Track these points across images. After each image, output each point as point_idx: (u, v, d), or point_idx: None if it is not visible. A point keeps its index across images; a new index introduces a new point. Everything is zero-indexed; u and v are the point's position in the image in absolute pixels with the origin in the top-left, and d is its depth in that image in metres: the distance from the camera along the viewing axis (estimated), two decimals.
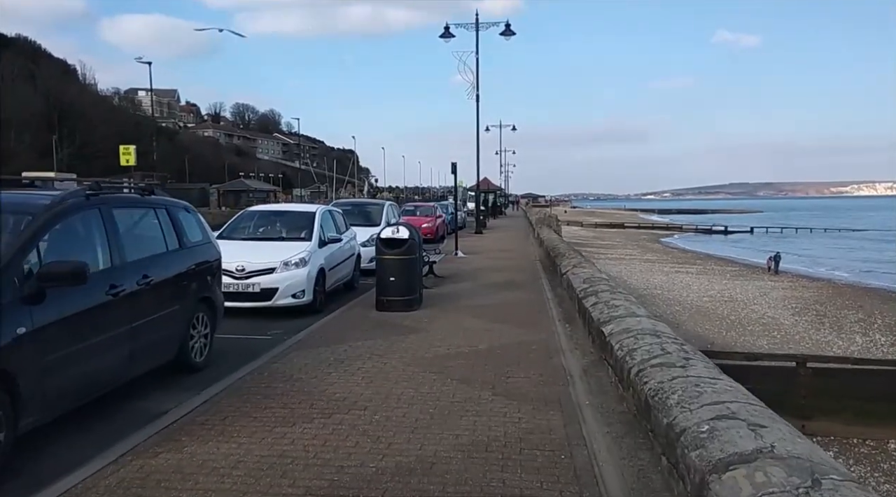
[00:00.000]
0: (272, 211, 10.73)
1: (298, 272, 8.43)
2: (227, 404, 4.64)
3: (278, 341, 6.84)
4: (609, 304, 6.33)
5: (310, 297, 8.54)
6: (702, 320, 18.75)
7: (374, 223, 13.08)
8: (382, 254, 8.55)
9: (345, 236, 10.53)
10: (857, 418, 10.08)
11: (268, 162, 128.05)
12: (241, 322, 7.90)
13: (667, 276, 28.55)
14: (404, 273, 8.46)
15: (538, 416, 4.41)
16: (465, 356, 6.06)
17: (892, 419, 10.21)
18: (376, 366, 5.69)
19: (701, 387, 3.53)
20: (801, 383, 10.40)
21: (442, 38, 23.43)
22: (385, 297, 8.45)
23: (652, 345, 4.59)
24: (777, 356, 11.39)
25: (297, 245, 8.92)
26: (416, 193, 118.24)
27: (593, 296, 7.10)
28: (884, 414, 10.27)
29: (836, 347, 15.68)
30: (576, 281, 8.52)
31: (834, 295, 24.26)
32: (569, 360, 5.93)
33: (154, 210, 5.46)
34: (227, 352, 6.39)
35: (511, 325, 7.56)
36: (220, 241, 9.02)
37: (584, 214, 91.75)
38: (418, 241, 8.88)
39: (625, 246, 45.97)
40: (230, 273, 8.18)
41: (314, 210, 10.00)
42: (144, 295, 4.88)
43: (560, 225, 30.06)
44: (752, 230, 66.48)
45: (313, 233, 9.25)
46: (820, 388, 10.25)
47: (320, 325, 7.64)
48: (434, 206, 26.78)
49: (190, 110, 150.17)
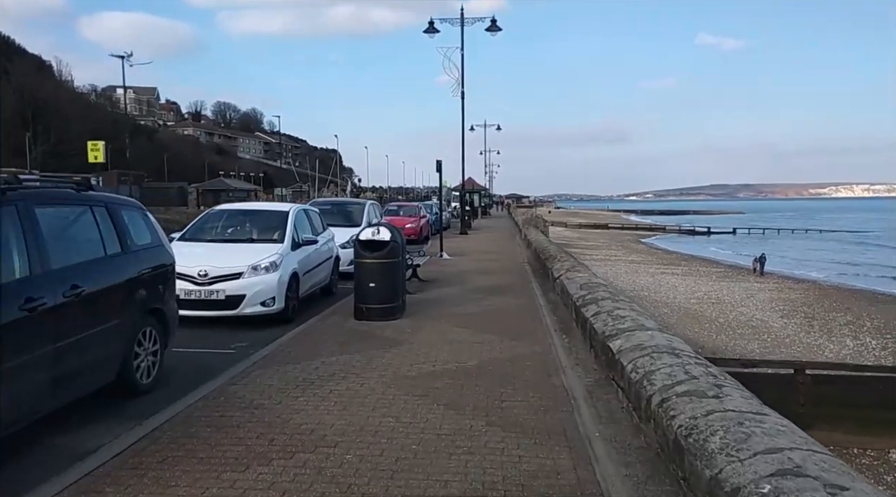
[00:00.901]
0: (241, 210, 9.70)
1: (268, 277, 7.63)
2: (169, 440, 3.87)
3: (242, 356, 6.06)
4: (613, 315, 5.67)
5: (281, 305, 7.76)
6: (690, 323, 18.35)
7: (355, 223, 12.31)
8: (361, 257, 7.81)
9: (321, 238, 9.73)
10: (858, 427, 9.85)
11: (249, 161, 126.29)
12: (202, 333, 7.11)
13: (653, 278, 28.22)
14: (385, 278, 7.73)
15: (541, 452, 3.71)
16: (452, 374, 5.34)
17: (893, 428, 10.00)
18: (351, 387, 4.95)
19: (747, 426, 2.86)
20: (800, 391, 10.30)
21: (426, 33, 22.72)
22: (364, 304, 7.72)
23: (673, 366, 3.93)
24: (774, 363, 11.00)
25: (268, 247, 8.12)
26: (400, 193, 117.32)
27: (593, 304, 6.43)
28: (885, 422, 10.15)
29: (827, 351, 15.42)
30: (571, 287, 7.85)
31: (821, 297, 24.14)
32: (570, 379, 5.24)
33: (91, 208, 4.65)
34: (182, 370, 5.61)
35: (502, 337, 6.86)
36: (183, 242, 8.25)
37: (568, 215, 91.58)
38: (401, 244, 8.14)
39: (609, 247, 45.68)
40: (192, 278, 7.40)
41: (287, 209, 9.15)
42: (73, 309, 4.09)
43: (547, 226, 29.51)
44: (734, 231, 66.76)
45: (286, 234, 8.44)
46: (819, 396, 10.21)
47: (291, 336, 6.86)
48: (418, 206, 26.00)
49: (170, 108, 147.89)
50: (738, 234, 65.30)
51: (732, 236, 63.21)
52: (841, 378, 10.44)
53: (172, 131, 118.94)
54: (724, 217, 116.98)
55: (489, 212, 61.20)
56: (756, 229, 69.58)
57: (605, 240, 53.35)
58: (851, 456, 9.83)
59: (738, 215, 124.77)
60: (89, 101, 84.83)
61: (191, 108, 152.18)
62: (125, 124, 74.27)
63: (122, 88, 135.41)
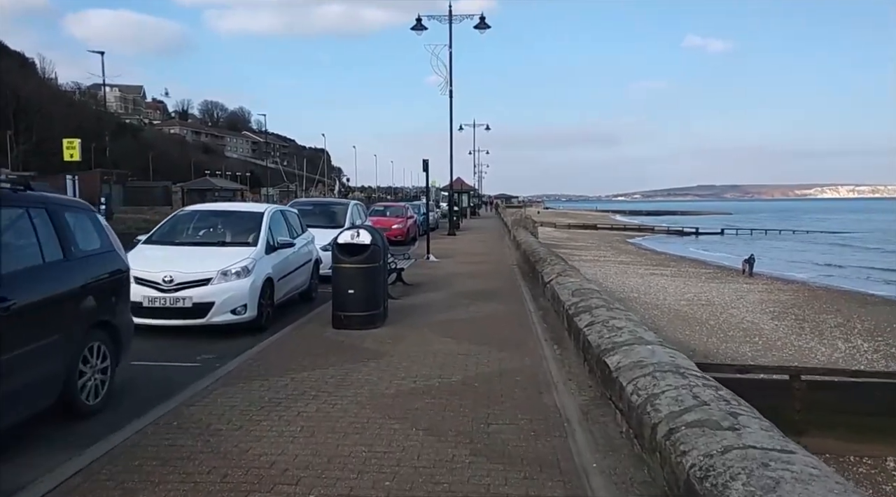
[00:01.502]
0: (213, 211, 9.11)
1: (239, 283, 7.11)
2: (107, 476, 3.37)
3: (207, 371, 5.56)
4: (609, 326, 5.24)
5: (253, 313, 7.24)
6: (681, 325, 18.07)
7: (338, 225, 11.77)
8: (340, 262, 7.28)
9: (300, 240, 9.23)
10: (854, 434, 9.61)
11: (236, 160, 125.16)
12: (166, 344, 6.61)
13: (642, 279, 27.99)
14: (365, 284, 7.22)
15: (533, 488, 3.26)
16: (435, 392, 4.88)
17: (890, 435, 9.83)
18: (322, 409, 4.47)
19: (773, 468, 2.44)
20: (795, 397, 10.10)
21: (414, 30, 22.30)
22: (343, 312, 7.20)
23: (679, 389, 3.50)
24: (769, 368, 10.70)
25: (240, 251, 7.59)
26: (389, 193, 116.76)
27: (586, 313, 6.00)
28: (881, 429, 9.93)
29: (819, 354, 15.20)
30: (563, 293, 7.42)
31: (810, 298, 24.02)
32: (563, 398, 4.79)
33: (27, 210, 4.13)
34: (138, 387, 5.11)
35: (490, 347, 6.39)
36: (148, 245, 7.72)
37: (557, 215, 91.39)
38: (382, 247, 7.66)
39: (598, 247, 45.46)
40: (156, 284, 6.88)
41: (262, 210, 8.60)
42: (1, 324, 3.59)
43: (537, 227, 29.16)
44: (722, 232, 66.81)
45: (260, 236, 7.92)
46: (814, 403, 9.90)
47: (262, 348, 6.36)
48: (405, 207, 25.48)
49: (157, 107, 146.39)
50: (725, 234, 65.36)
51: (720, 237, 63.25)
52: (837, 384, 10.21)
53: (159, 130, 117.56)
54: (712, 218, 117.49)
55: (478, 212, 60.86)
56: (743, 230, 69.72)
57: (593, 240, 53.12)
58: (848, 464, 9.59)
59: (725, 216, 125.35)
60: (73, 99, 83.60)
61: (178, 106, 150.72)
62: (109, 122, 73.03)
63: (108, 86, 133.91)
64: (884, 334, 17.17)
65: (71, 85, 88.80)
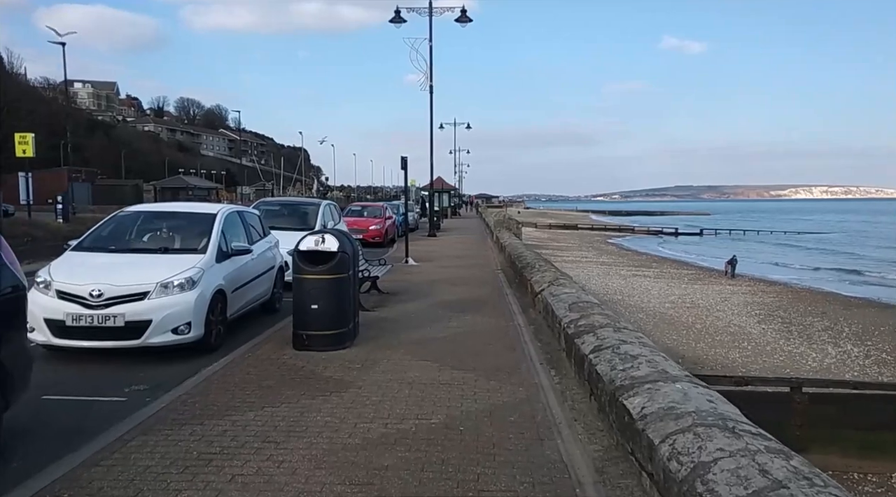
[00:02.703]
0: (157, 212, 8.07)
1: (182, 297, 6.04)
2: None
3: (134, 408, 4.53)
4: (620, 353, 4.33)
5: (199, 332, 6.16)
6: (667, 329, 17.47)
7: (308, 227, 10.71)
8: (302, 272, 6.22)
9: (260, 245, 8.20)
10: (858, 450, 9.07)
11: (213, 158, 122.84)
12: (95, 370, 5.57)
13: (625, 280, 27.44)
14: (331, 298, 6.20)
15: None
16: (410, 441, 3.91)
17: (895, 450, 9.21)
18: (264, 469, 3.48)
19: None
20: (797, 410, 9.60)
21: (392, 22, 21.31)
22: (304, 331, 6.17)
23: (737, 457, 2.60)
24: (769, 380, 10.02)
25: (186, 259, 6.51)
26: (369, 193, 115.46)
27: (590, 334, 5.08)
28: (887, 445, 9.46)
29: (810, 359, 14.74)
30: (558, 307, 6.50)
31: (794, 300, 23.74)
32: (570, 447, 3.85)
33: None
34: (39, 433, 4.07)
35: (477, 374, 5.43)
36: (77, 253, 6.60)
37: (538, 215, 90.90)
38: (352, 254, 6.62)
39: (580, 248, 44.97)
40: (82, 300, 5.80)
41: (215, 211, 7.53)
42: None
43: (520, 228, 28.34)
44: (701, 232, 66.92)
45: (210, 241, 6.85)
46: (817, 416, 9.13)
47: (205, 377, 5.30)
48: (383, 207, 24.39)
49: (131, 104, 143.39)
50: (705, 235, 65.54)
51: (700, 237, 63.39)
52: (839, 396, 9.64)
53: (133, 127, 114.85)
54: (691, 218, 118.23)
55: (459, 212, 60.07)
56: (722, 231, 70.03)
57: (575, 241, 52.64)
58: (852, 482, 9.01)
59: (704, 216, 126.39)
60: (42, 94, 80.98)
61: (153, 103, 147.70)
62: (79, 119, 70.68)
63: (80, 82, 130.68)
64: (872, 338, 16.86)
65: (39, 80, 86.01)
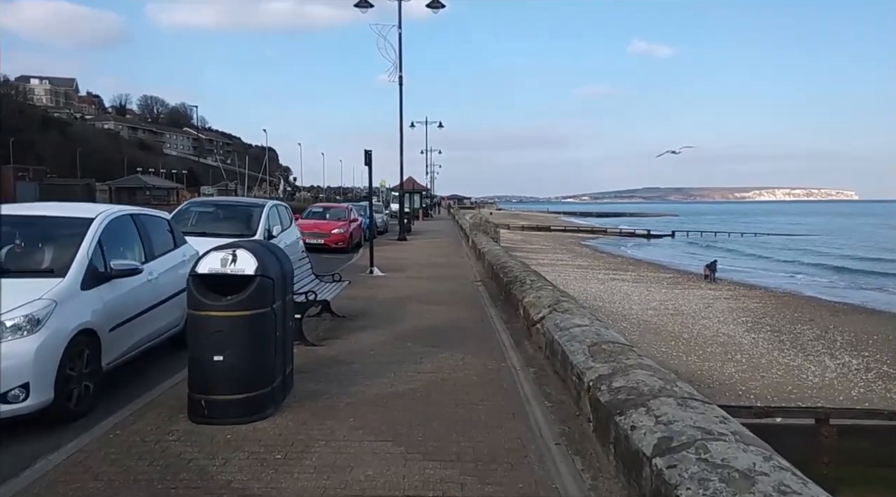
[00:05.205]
0: (13, 217, 5.39)
1: (16, 346, 4.15)
2: None
3: None
4: (716, 464, 2.57)
5: (46, 397, 4.25)
6: (654, 340, 16.43)
7: (249, 232, 9.06)
8: (200, 307, 4.31)
9: (165, 260, 6.18)
10: (892, 490, 8.29)
11: (175, 158, 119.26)
12: None
13: (603, 285, 26.51)
14: (245, 345, 4.32)
15: None
16: None
17: None
18: None
19: None
20: (824, 446, 8.55)
21: (358, 7, 19.86)
22: (204, 395, 4.28)
23: None
24: (793, 410, 8.94)
25: (31, 286, 4.53)
26: (339, 193, 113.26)
27: (640, 409, 3.36)
28: None
29: (810, 374, 13.87)
30: (574, 351, 4.77)
31: (779, 306, 23.17)
32: None
33: None
34: None
35: (463, 469, 3.58)
36: None
37: (510, 217, 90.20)
38: (278, 277, 4.63)
39: (554, 250, 44.13)
40: None
41: (93, 215, 5.40)
42: None
43: (499, 231, 26.96)
44: (673, 234, 67.06)
45: (76, 260, 4.90)
46: (846, 452, 8.31)
47: (42, 474, 3.49)
48: (348, 208, 22.59)
49: (91, 102, 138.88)
50: (676, 236, 65.73)
51: (672, 239, 63.50)
52: (871, 428, 8.62)
53: (91, 125, 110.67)
54: (660, 219, 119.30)
55: (431, 213, 58.69)
56: (694, 232, 70.42)
57: (549, 242, 51.82)
58: None
59: (672, 217, 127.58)
60: None
61: (115, 101, 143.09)
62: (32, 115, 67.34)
63: (37, 79, 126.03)
64: (868, 348, 16.15)
65: None
